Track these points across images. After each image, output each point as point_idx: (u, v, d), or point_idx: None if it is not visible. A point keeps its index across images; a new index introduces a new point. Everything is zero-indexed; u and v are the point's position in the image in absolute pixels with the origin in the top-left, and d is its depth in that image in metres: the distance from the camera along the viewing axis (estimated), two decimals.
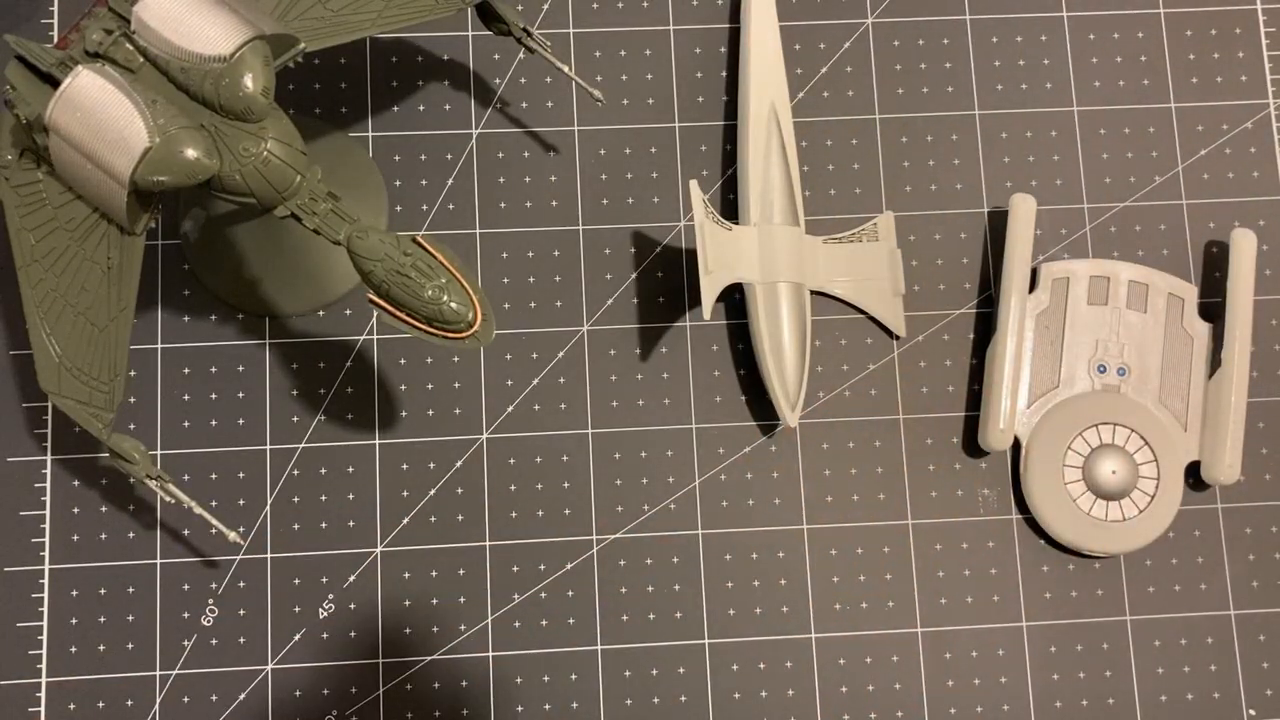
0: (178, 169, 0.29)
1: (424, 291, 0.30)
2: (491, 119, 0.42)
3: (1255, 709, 0.40)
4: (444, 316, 0.30)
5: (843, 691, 0.39)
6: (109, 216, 0.31)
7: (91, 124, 0.29)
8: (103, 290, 0.32)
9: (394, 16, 0.33)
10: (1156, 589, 0.40)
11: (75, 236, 0.32)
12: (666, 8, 0.43)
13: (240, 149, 0.30)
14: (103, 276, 0.32)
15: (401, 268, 0.30)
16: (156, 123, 0.29)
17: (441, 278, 0.30)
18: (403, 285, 0.30)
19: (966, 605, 0.40)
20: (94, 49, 0.30)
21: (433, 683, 0.39)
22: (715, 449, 0.41)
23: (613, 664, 0.39)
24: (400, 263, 0.30)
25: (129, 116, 0.29)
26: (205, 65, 0.30)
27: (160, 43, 0.30)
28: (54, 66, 0.31)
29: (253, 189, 0.30)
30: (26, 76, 0.31)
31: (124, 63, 0.30)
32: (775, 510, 0.40)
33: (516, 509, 0.40)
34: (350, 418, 0.40)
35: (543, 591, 0.40)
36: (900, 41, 0.43)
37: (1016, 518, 0.41)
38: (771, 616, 0.40)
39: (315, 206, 0.31)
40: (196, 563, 0.39)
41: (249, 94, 0.30)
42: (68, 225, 0.32)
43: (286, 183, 0.30)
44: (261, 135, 0.30)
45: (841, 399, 0.41)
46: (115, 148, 0.29)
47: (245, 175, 0.30)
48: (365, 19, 0.33)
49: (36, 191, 0.32)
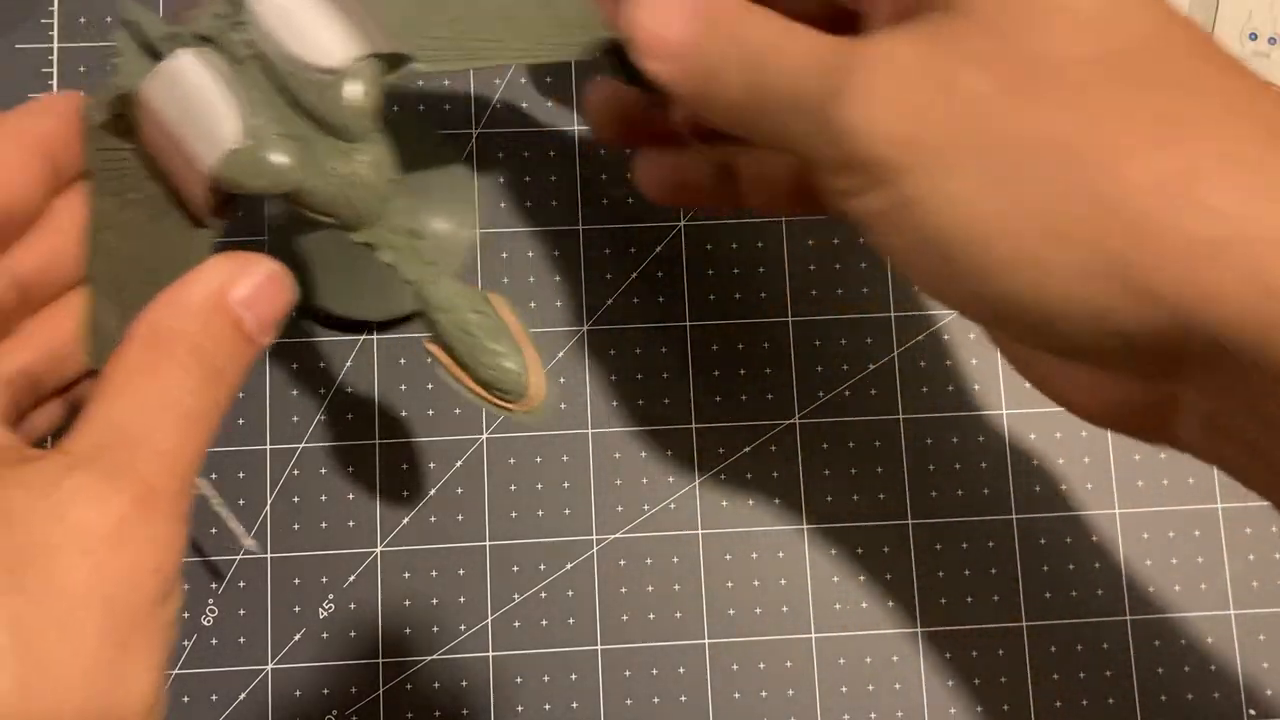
0: (260, 174, 0.28)
1: (486, 356, 0.29)
2: (491, 119, 0.42)
3: (1255, 709, 0.40)
4: (501, 385, 0.29)
5: (843, 691, 0.39)
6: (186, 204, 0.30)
7: (184, 109, 0.28)
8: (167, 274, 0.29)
9: (519, 50, 0.31)
10: (1156, 589, 0.40)
11: (152, 214, 0.30)
12: None
13: (329, 165, 0.28)
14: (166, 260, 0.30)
15: (468, 326, 0.29)
16: (249, 122, 0.28)
17: (506, 345, 0.29)
18: (465, 343, 0.29)
19: (966, 605, 0.40)
20: (204, 32, 0.29)
21: (433, 683, 0.39)
22: (715, 449, 0.41)
23: (613, 664, 0.39)
24: (468, 320, 0.29)
25: (223, 110, 0.27)
26: (312, 73, 0.28)
27: (271, 40, 0.28)
28: (160, 40, 0.29)
29: (333, 209, 0.29)
30: (133, 45, 0.29)
31: (231, 52, 0.28)
32: (775, 510, 0.40)
33: (516, 509, 0.40)
34: (350, 418, 0.40)
35: (543, 591, 0.40)
36: None
37: (1016, 518, 0.41)
38: (771, 616, 0.40)
39: (394, 240, 0.29)
40: (196, 562, 0.39)
41: (351, 111, 0.28)
42: (146, 201, 0.30)
43: (369, 209, 0.29)
44: (354, 155, 0.28)
45: (841, 399, 0.41)
46: (203, 139, 0.28)
47: (328, 194, 0.28)
48: (488, 47, 0.31)
49: (122, 161, 0.30)
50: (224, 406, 0.27)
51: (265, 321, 0.28)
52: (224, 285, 0.27)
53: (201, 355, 0.26)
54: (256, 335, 0.28)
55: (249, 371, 0.28)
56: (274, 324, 0.28)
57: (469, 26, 0.31)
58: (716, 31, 0.27)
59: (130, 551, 0.23)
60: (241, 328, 0.27)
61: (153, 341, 0.26)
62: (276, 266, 0.28)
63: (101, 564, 0.23)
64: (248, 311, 0.27)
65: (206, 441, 0.26)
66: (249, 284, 0.28)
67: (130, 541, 0.23)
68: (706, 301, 0.41)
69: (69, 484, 0.23)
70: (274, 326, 0.28)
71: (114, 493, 0.24)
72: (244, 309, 0.27)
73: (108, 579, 0.23)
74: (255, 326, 0.28)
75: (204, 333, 0.27)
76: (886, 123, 0.23)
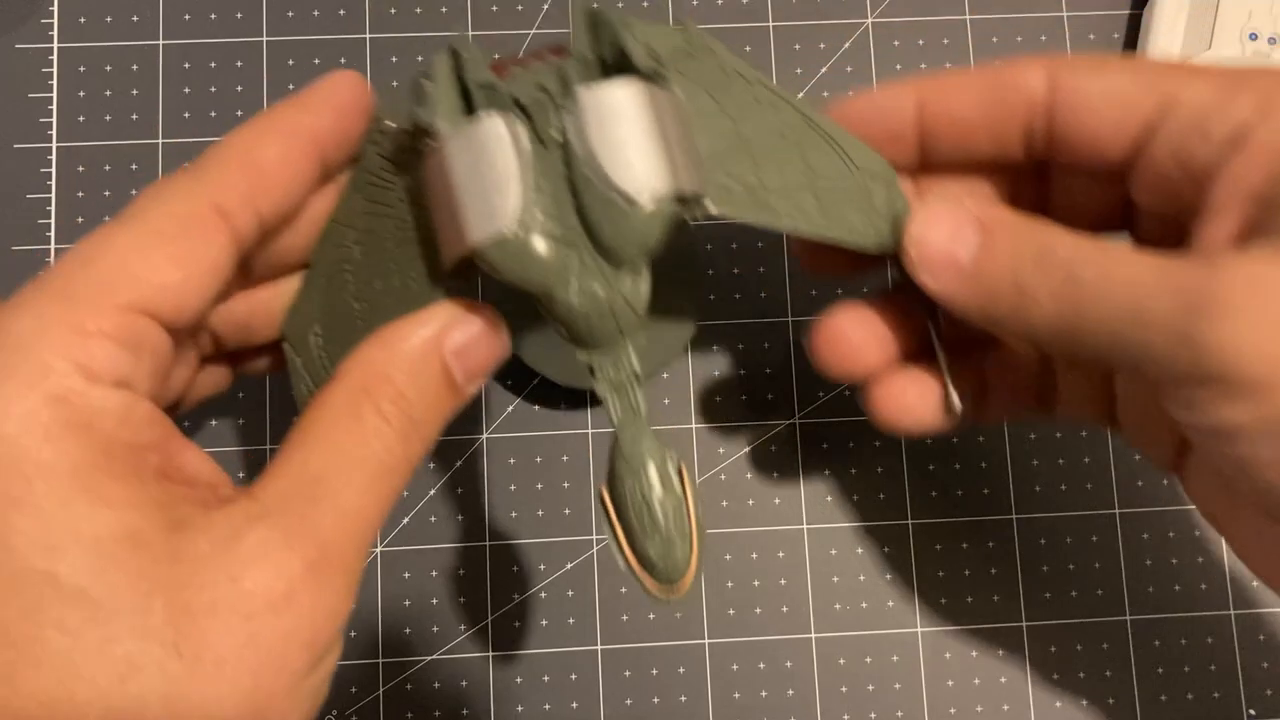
0: (519, 268, 0.26)
1: (655, 536, 0.27)
2: None
3: (1255, 709, 0.40)
4: (652, 567, 0.27)
5: (843, 691, 0.39)
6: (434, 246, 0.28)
7: (474, 172, 0.26)
8: (384, 298, 0.29)
9: (817, 222, 0.29)
10: (1156, 589, 0.40)
11: (396, 235, 0.29)
12: (666, 8, 0.43)
13: (587, 284, 0.27)
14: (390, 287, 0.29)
15: (649, 497, 0.27)
16: (529, 213, 0.26)
17: (679, 531, 0.27)
18: (640, 514, 0.27)
19: (967, 605, 0.40)
20: (523, 100, 0.27)
21: (433, 683, 0.39)
22: (715, 449, 0.41)
23: (613, 664, 0.39)
24: (653, 494, 0.27)
25: (510, 193, 0.26)
26: (610, 190, 0.26)
27: (584, 139, 0.26)
28: (477, 86, 0.27)
29: (572, 323, 0.27)
30: (449, 78, 0.28)
31: (541, 132, 0.27)
32: (775, 510, 0.40)
33: (516, 509, 0.40)
34: None
35: (543, 591, 0.40)
36: (900, 41, 0.43)
37: (1016, 518, 0.41)
38: (771, 616, 0.40)
39: (615, 375, 0.28)
40: None
41: (635, 245, 0.26)
42: (395, 220, 0.29)
43: (606, 338, 0.27)
44: (615, 283, 0.27)
45: (841, 399, 0.41)
46: (478, 209, 0.26)
47: (575, 309, 0.27)
48: (787, 209, 0.29)
49: (390, 173, 0.29)
50: (416, 461, 0.27)
51: (473, 372, 0.28)
52: (440, 333, 0.27)
53: (403, 405, 0.26)
54: (463, 384, 0.28)
55: (446, 424, 0.28)
56: (482, 375, 0.28)
57: (772, 182, 0.29)
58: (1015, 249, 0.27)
59: (289, 620, 0.23)
60: (449, 376, 0.27)
61: (360, 384, 0.26)
62: (495, 318, 0.28)
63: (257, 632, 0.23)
64: (457, 360, 0.27)
65: (392, 499, 0.26)
66: (465, 333, 0.27)
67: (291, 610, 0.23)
68: (706, 302, 0.41)
69: (250, 540, 0.23)
70: (482, 377, 0.28)
71: (290, 555, 0.23)
72: (455, 358, 0.27)
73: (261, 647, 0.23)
74: (463, 376, 0.27)
75: (410, 381, 0.27)
76: (1258, 344, 0.24)
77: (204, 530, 0.23)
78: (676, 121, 0.27)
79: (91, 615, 0.22)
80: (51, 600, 0.22)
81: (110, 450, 0.23)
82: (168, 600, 0.22)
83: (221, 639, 0.22)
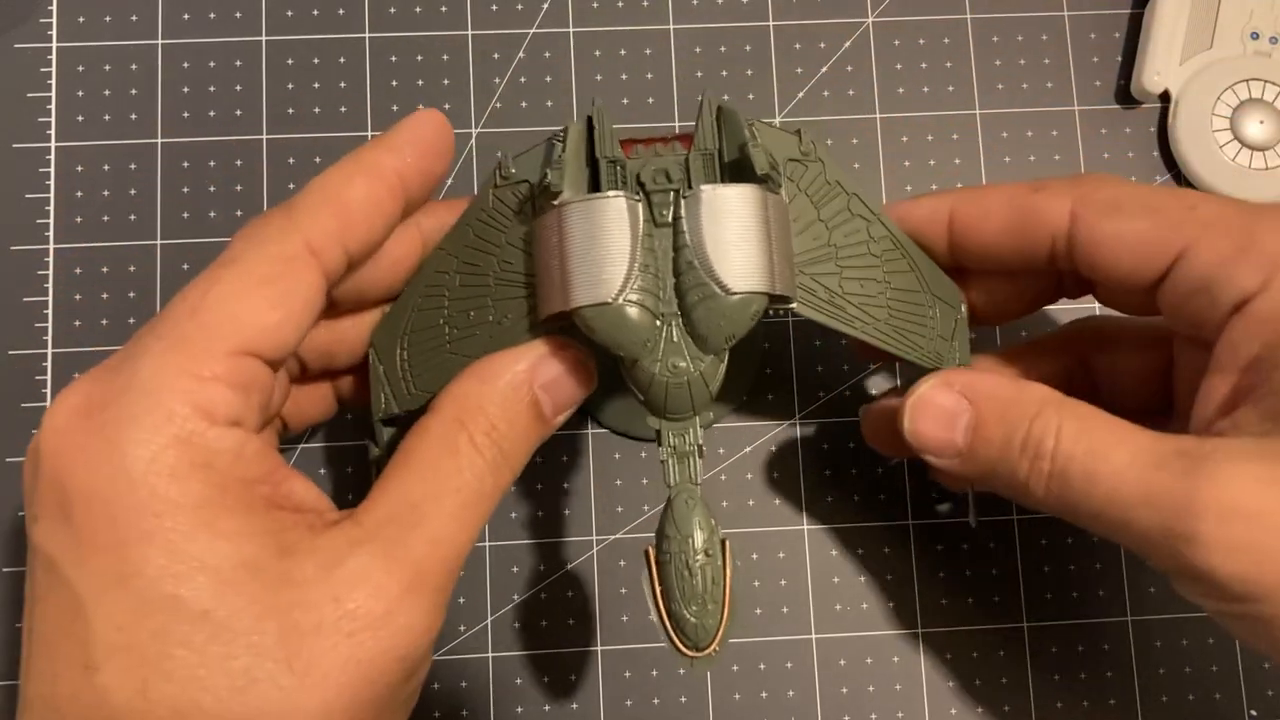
0: (613, 334, 0.28)
1: (692, 602, 0.29)
2: (491, 119, 0.42)
3: (1256, 709, 0.40)
4: (683, 630, 0.29)
5: (843, 692, 0.39)
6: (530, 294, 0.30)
7: (589, 240, 0.28)
8: (476, 329, 0.31)
9: (887, 339, 0.32)
10: (1157, 589, 0.40)
11: (498, 276, 0.30)
12: (666, 8, 0.43)
13: (671, 359, 0.29)
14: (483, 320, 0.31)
15: (691, 565, 0.29)
16: (633, 287, 0.28)
17: (714, 601, 0.29)
18: (681, 579, 0.29)
19: (967, 605, 0.40)
20: (645, 182, 0.29)
21: (433, 683, 0.39)
22: (715, 449, 0.41)
23: (613, 664, 0.39)
24: (695, 560, 0.29)
25: (619, 266, 0.28)
26: (710, 278, 0.28)
27: (696, 228, 0.28)
28: (606, 160, 0.29)
29: (649, 390, 0.29)
30: (582, 142, 0.30)
31: (656, 213, 0.29)
32: (775, 510, 0.40)
33: (516, 509, 0.40)
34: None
35: (543, 592, 0.39)
36: (900, 41, 0.43)
37: (1016, 518, 0.41)
38: (771, 617, 0.40)
39: (679, 445, 0.30)
40: None
41: (722, 331, 0.28)
42: (501, 261, 0.30)
43: (679, 410, 0.29)
44: (697, 361, 0.29)
45: (842, 399, 0.41)
46: (586, 274, 0.28)
47: (654, 379, 0.29)
48: (862, 322, 0.31)
49: (504, 216, 0.31)
50: (505, 489, 0.29)
51: (561, 405, 0.30)
52: (533, 367, 0.29)
53: (495, 436, 0.28)
54: (550, 416, 0.30)
55: (533, 454, 0.29)
56: (570, 407, 0.30)
57: (852, 290, 0.32)
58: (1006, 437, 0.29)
59: (387, 637, 0.25)
60: (538, 409, 0.29)
61: (455, 415, 0.28)
62: (584, 354, 0.30)
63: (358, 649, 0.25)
64: (546, 394, 0.29)
65: (480, 525, 0.28)
66: (555, 368, 0.29)
67: (388, 629, 0.25)
68: None
69: (352, 563, 0.26)
70: (569, 409, 0.30)
71: (388, 578, 0.26)
72: (544, 391, 0.29)
73: (362, 662, 0.25)
74: (551, 409, 0.29)
75: (502, 414, 0.28)
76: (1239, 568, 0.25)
77: (310, 554, 0.26)
78: (779, 224, 0.29)
79: (214, 635, 0.24)
80: (178, 622, 0.24)
81: (226, 485, 0.26)
82: (279, 621, 0.25)
83: (327, 655, 0.25)
